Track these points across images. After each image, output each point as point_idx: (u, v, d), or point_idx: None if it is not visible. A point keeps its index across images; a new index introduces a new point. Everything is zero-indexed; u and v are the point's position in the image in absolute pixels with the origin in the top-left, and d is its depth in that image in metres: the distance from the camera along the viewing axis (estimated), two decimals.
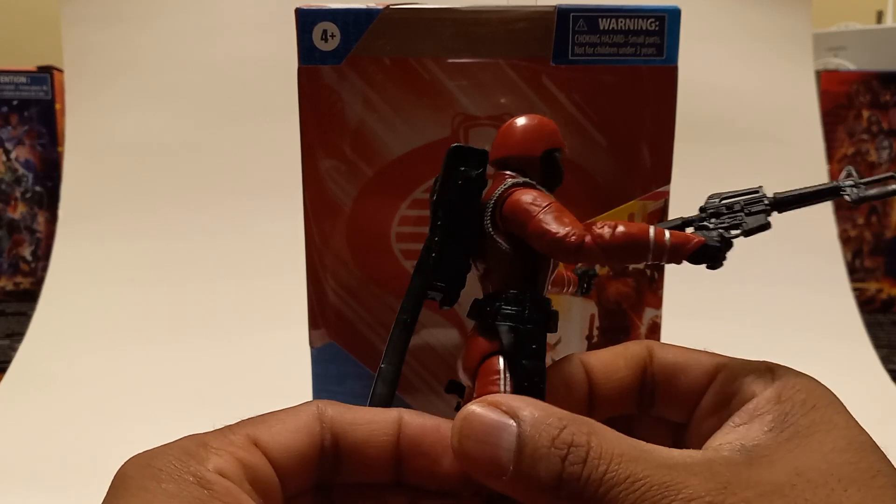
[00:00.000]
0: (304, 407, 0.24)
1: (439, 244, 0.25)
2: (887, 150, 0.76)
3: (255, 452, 0.22)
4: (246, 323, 0.66)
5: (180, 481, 0.20)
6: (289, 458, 0.23)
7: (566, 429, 0.22)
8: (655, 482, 0.20)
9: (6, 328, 0.71)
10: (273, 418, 0.24)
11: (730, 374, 0.25)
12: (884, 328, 0.74)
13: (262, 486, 0.22)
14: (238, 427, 0.23)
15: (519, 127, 0.26)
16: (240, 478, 0.21)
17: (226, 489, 0.20)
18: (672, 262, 0.24)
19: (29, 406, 0.58)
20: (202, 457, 0.21)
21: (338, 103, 0.34)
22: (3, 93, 0.71)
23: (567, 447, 0.21)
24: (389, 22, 0.33)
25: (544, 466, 0.21)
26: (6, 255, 0.72)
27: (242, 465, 0.22)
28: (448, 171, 0.25)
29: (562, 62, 0.33)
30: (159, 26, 0.74)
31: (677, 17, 0.33)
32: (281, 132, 0.48)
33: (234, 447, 0.22)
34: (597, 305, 0.35)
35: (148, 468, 0.21)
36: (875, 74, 0.76)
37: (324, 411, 0.24)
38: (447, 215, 0.25)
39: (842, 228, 0.75)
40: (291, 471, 0.23)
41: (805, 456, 0.21)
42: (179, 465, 0.21)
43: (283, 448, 0.23)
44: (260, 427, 0.23)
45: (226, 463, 0.21)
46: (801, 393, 0.23)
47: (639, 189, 0.34)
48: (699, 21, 0.73)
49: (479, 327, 0.25)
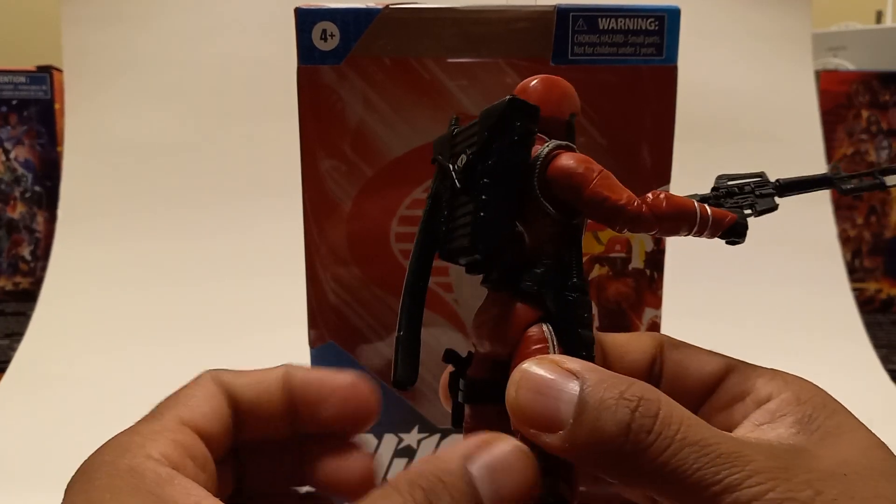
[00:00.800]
0: (200, 377, 0.26)
1: (485, 205, 0.23)
2: (886, 150, 0.76)
3: (185, 431, 0.24)
4: (246, 323, 0.66)
5: (115, 476, 0.21)
6: (212, 426, 0.24)
7: (634, 385, 0.21)
8: (725, 450, 0.20)
9: (6, 328, 0.71)
10: (183, 395, 0.25)
11: (743, 374, 0.25)
12: (883, 328, 0.74)
13: (200, 461, 0.23)
14: (160, 412, 0.24)
15: (548, 87, 0.25)
16: (180, 459, 0.22)
17: (161, 472, 0.21)
18: (710, 235, 0.24)
19: (29, 406, 0.58)
20: (138, 445, 0.22)
21: (337, 103, 0.34)
22: (3, 92, 0.71)
23: (637, 399, 0.20)
24: (389, 21, 0.33)
25: (610, 417, 0.20)
26: (5, 255, 0.72)
27: (180, 446, 0.23)
28: (503, 125, 0.23)
29: (561, 62, 0.33)
30: (159, 26, 0.74)
31: (677, 16, 0.33)
32: (281, 132, 0.48)
33: (167, 431, 0.23)
34: (596, 305, 0.35)
35: (85, 473, 0.21)
36: (875, 74, 0.76)
37: (216, 377, 0.26)
38: (496, 171, 0.23)
39: (841, 228, 0.75)
40: (216, 438, 0.25)
41: (845, 452, 0.21)
42: (114, 461, 0.21)
43: (206, 419, 0.24)
44: (179, 406, 0.25)
45: (164, 448, 0.22)
46: (818, 397, 0.23)
47: (639, 188, 0.34)
48: (699, 21, 0.73)
49: (517, 294, 0.24)
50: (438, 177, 0.25)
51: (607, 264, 0.35)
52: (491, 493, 0.20)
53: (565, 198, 0.24)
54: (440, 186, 0.25)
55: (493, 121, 0.23)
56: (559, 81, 0.25)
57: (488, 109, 0.24)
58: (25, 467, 0.49)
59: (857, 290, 0.74)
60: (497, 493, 0.20)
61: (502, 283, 0.24)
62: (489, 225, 0.23)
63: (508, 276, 0.24)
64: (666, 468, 0.20)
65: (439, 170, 0.25)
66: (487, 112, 0.24)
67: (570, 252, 0.24)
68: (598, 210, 0.23)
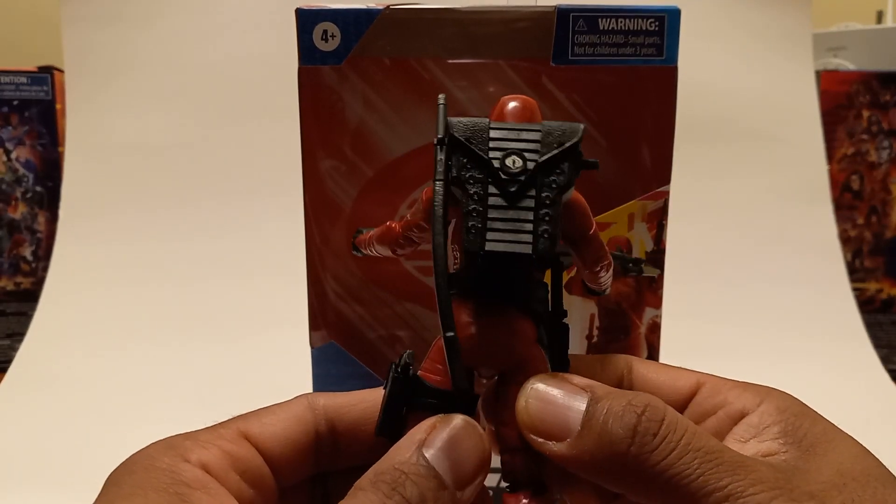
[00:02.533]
0: (295, 399, 0.25)
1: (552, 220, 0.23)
2: (887, 150, 0.76)
3: (243, 444, 0.23)
4: (246, 323, 0.66)
5: (151, 470, 0.21)
6: (281, 447, 0.24)
7: (640, 395, 0.21)
8: (728, 459, 0.20)
9: (6, 328, 0.71)
10: (264, 412, 0.24)
11: (713, 388, 0.25)
12: (884, 328, 0.74)
13: (251, 476, 0.23)
14: (230, 422, 0.24)
15: (530, 105, 0.25)
16: (224, 469, 0.22)
17: (197, 476, 0.21)
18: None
19: (29, 406, 0.58)
20: (185, 448, 0.22)
21: (338, 103, 0.34)
22: (4, 93, 0.71)
23: (644, 406, 0.21)
24: (390, 22, 0.33)
25: (618, 421, 0.21)
26: (7, 255, 0.72)
27: (230, 456, 0.22)
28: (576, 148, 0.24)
29: (562, 62, 0.33)
30: (159, 26, 0.74)
31: (677, 17, 0.33)
32: (281, 132, 0.48)
33: (222, 440, 0.23)
34: (597, 305, 0.35)
35: (127, 464, 0.21)
36: (875, 74, 0.76)
37: (314, 401, 0.25)
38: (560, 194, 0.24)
39: (842, 228, 0.75)
40: (285, 460, 0.24)
41: (838, 461, 0.21)
42: (155, 457, 0.21)
43: (274, 438, 0.24)
44: (251, 420, 0.24)
45: (210, 455, 0.22)
46: (797, 406, 0.23)
47: (639, 189, 0.34)
48: (699, 21, 0.73)
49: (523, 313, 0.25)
50: (458, 162, 0.24)
51: None
52: (450, 470, 0.21)
53: (570, 230, 0.25)
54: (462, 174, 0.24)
55: (569, 139, 0.24)
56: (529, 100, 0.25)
57: (559, 126, 0.24)
58: (26, 467, 0.49)
59: (857, 290, 0.74)
60: (454, 469, 0.21)
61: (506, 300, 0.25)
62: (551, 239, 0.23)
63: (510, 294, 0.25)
64: (670, 472, 0.20)
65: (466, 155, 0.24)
66: (559, 129, 0.24)
67: (559, 281, 0.26)
68: (594, 249, 0.26)
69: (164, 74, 0.74)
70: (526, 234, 0.23)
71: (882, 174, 0.76)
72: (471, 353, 0.24)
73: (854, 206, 0.76)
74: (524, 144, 0.24)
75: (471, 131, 0.24)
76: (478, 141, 0.24)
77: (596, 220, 0.27)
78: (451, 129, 0.24)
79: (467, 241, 0.23)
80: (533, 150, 0.24)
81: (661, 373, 0.27)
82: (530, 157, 0.23)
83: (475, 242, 0.23)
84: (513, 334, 0.24)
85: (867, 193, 0.76)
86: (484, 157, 0.24)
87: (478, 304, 0.24)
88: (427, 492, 0.20)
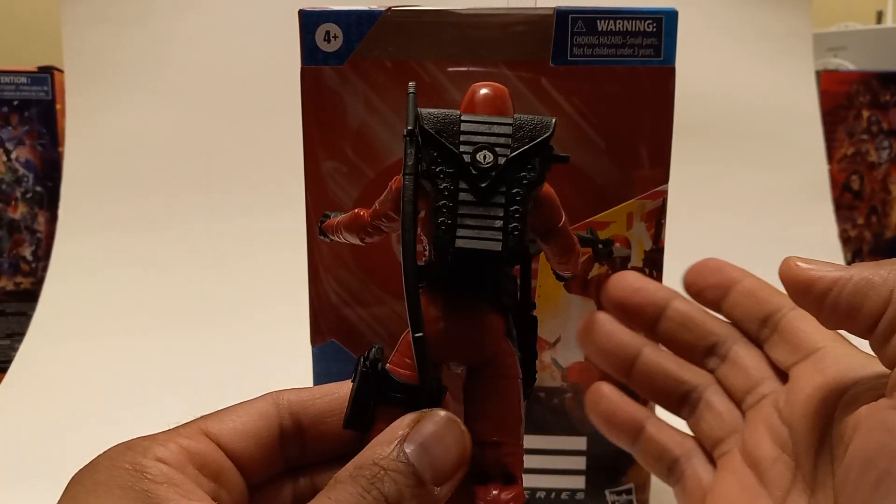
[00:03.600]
0: (261, 397, 0.25)
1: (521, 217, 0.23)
2: (887, 150, 0.76)
3: (202, 440, 0.23)
4: (247, 323, 0.66)
5: (113, 469, 0.21)
6: (243, 443, 0.24)
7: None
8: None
9: (6, 328, 0.71)
10: (226, 410, 0.25)
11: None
12: None
13: (211, 470, 0.23)
14: (192, 422, 0.24)
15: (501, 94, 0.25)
16: (181, 463, 0.22)
17: (161, 471, 0.21)
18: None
19: (29, 406, 0.58)
20: (144, 447, 0.22)
21: (339, 105, 0.34)
22: (4, 93, 0.71)
23: None
24: (391, 24, 0.33)
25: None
26: (6, 255, 0.72)
27: (186, 451, 0.22)
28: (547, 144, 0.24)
29: (561, 63, 0.33)
30: (160, 26, 0.74)
31: (674, 18, 0.33)
32: (282, 133, 0.48)
33: (181, 437, 0.23)
34: (596, 304, 0.36)
35: (89, 466, 0.22)
36: (875, 74, 0.76)
37: (279, 396, 0.25)
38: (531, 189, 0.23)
39: (842, 228, 0.75)
40: (249, 455, 0.24)
41: None
42: (116, 457, 0.22)
43: (235, 434, 0.24)
44: (211, 419, 0.24)
45: (167, 451, 0.22)
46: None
47: (637, 189, 0.34)
48: (699, 21, 0.74)
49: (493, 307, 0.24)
50: (428, 156, 0.24)
51: (607, 263, 0.35)
52: (428, 467, 0.21)
53: (538, 223, 0.25)
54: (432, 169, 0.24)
55: (540, 135, 0.23)
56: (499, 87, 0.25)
57: (530, 120, 0.24)
58: (26, 467, 0.49)
59: None
60: (433, 466, 0.21)
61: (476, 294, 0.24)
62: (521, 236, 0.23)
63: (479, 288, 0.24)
64: None
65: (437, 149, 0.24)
66: (530, 123, 0.24)
67: (528, 275, 0.26)
68: (562, 241, 0.25)
69: (164, 75, 0.74)
70: (496, 230, 0.23)
71: (882, 174, 0.76)
72: (440, 347, 0.24)
73: (854, 206, 0.76)
74: (495, 139, 0.24)
75: (441, 124, 0.24)
76: (448, 134, 0.24)
77: (595, 220, 0.28)
78: (421, 121, 0.24)
79: (437, 238, 0.23)
80: (504, 144, 0.23)
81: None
82: (501, 152, 0.23)
83: (445, 240, 0.23)
84: (482, 329, 0.24)
85: (867, 193, 0.76)
86: (455, 152, 0.23)
87: (447, 298, 0.24)
88: (405, 488, 0.21)
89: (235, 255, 0.71)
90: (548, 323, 0.36)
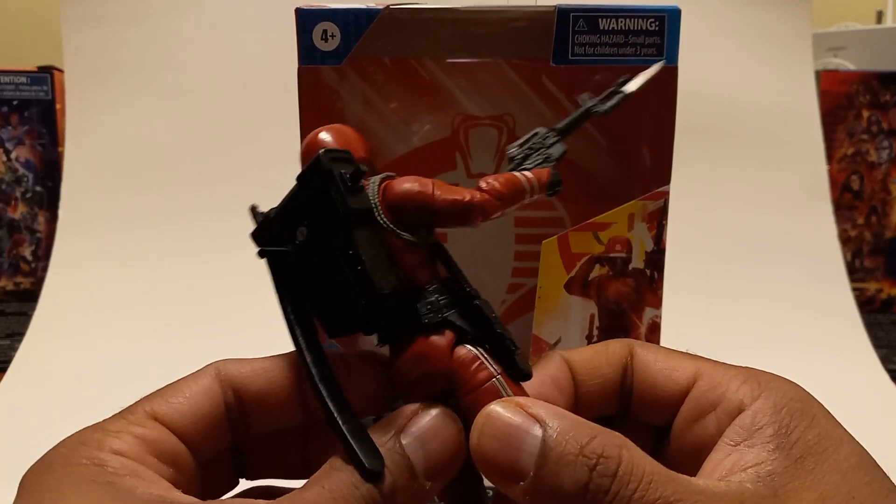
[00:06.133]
0: (203, 370, 0.25)
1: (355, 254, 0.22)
2: (887, 150, 0.76)
3: (154, 426, 0.23)
4: (247, 322, 0.66)
5: (71, 466, 0.21)
6: (193, 423, 0.24)
7: (596, 439, 0.20)
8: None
9: (6, 328, 0.71)
10: (171, 389, 0.24)
11: (710, 381, 0.24)
12: (883, 328, 0.74)
13: (168, 456, 0.23)
14: (136, 406, 0.24)
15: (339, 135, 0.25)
16: (140, 454, 0.22)
17: (121, 463, 0.21)
18: (540, 194, 0.26)
19: (29, 405, 0.58)
20: (98, 440, 0.22)
21: (338, 103, 0.34)
22: (4, 93, 0.71)
23: (597, 457, 0.20)
24: (389, 22, 0.33)
25: (569, 475, 0.20)
26: (6, 255, 0.72)
27: (143, 441, 0.22)
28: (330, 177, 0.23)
29: (562, 62, 0.33)
30: (159, 26, 0.74)
31: (677, 17, 0.33)
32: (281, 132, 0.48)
33: (133, 426, 0.23)
34: (596, 305, 0.35)
35: (43, 464, 0.21)
36: (875, 74, 0.76)
37: (220, 370, 0.25)
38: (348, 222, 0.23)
39: (841, 228, 0.75)
40: (199, 435, 0.24)
41: (825, 479, 0.21)
42: (70, 454, 0.21)
43: (184, 416, 0.24)
44: (157, 401, 0.24)
45: (123, 443, 0.22)
46: (796, 402, 0.22)
47: (639, 189, 0.34)
48: (699, 21, 0.73)
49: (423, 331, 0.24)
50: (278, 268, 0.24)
51: (607, 264, 0.35)
52: (422, 460, 0.21)
53: (416, 219, 0.24)
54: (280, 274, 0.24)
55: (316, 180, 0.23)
56: (342, 128, 0.25)
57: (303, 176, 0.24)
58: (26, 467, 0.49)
59: (857, 290, 0.74)
60: (427, 460, 0.21)
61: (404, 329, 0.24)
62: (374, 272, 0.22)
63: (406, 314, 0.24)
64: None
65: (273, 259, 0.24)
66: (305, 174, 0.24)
67: (448, 267, 0.25)
68: (451, 216, 0.24)
69: (164, 74, 0.74)
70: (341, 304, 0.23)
71: (882, 174, 0.76)
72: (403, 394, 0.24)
73: (854, 206, 0.76)
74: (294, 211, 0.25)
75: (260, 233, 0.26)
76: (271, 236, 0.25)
77: (596, 220, 0.27)
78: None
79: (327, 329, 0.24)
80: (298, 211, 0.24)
81: (661, 359, 0.26)
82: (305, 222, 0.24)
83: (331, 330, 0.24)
84: (422, 359, 0.23)
85: (867, 193, 0.76)
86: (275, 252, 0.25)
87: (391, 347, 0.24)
88: (398, 479, 0.21)
89: (235, 255, 0.71)
90: (548, 324, 0.35)
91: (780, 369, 0.25)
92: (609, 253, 0.35)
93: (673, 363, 0.26)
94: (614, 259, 0.35)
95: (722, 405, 0.24)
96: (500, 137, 0.34)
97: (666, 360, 0.26)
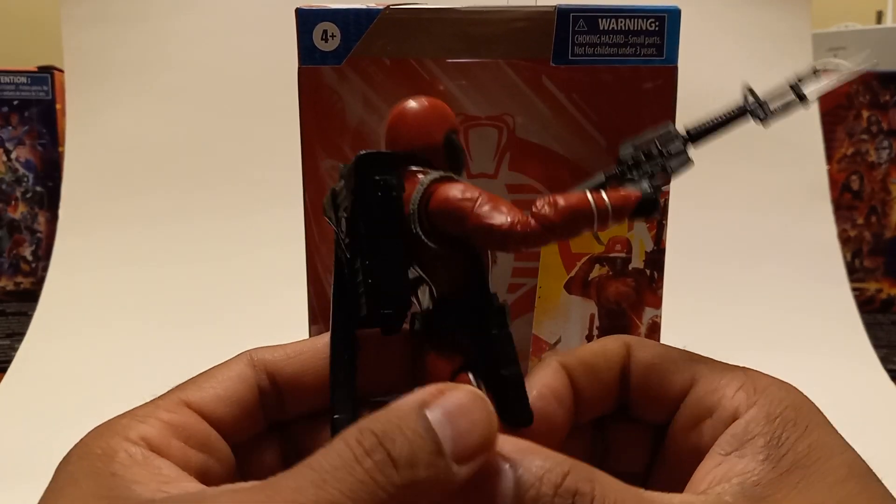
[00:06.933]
0: (236, 357, 0.25)
1: (372, 265, 0.22)
2: (887, 151, 0.76)
3: (184, 412, 0.23)
4: (247, 321, 0.66)
5: (84, 457, 0.21)
6: (225, 408, 0.24)
7: (569, 475, 0.19)
8: None
9: (6, 328, 0.71)
10: (204, 376, 0.24)
11: (707, 385, 0.24)
12: (883, 328, 0.74)
13: (197, 441, 0.22)
14: (169, 393, 0.24)
15: (413, 114, 0.24)
16: (166, 438, 0.22)
17: (133, 453, 0.21)
18: (617, 223, 0.23)
19: (29, 406, 0.58)
20: (122, 426, 0.22)
21: (338, 103, 0.34)
22: (4, 93, 0.71)
23: (572, 496, 0.19)
24: (389, 22, 0.33)
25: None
26: (7, 255, 0.72)
27: (169, 426, 0.22)
28: (362, 183, 0.22)
29: (562, 62, 0.33)
30: (160, 26, 0.74)
31: (677, 17, 0.33)
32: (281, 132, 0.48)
33: (160, 411, 0.23)
34: (596, 305, 0.35)
35: (68, 454, 0.22)
36: (875, 74, 0.76)
37: (254, 356, 0.25)
38: (372, 231, 0.22)
39: (841, 228, 0.75)
40: (232, 419, 0.24)
41: (811, 491, 0.20)
42: (91, 442, 0.21)
43: (216, 400, 0.24)
44: (190, 387, 0.24)
45: (149, 429, 0.22)
46: (790, 410, 0.22)
47: None
48: (699, 21, 0.73)
49: (430, 343, 0.23)
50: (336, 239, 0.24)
51: (607, 264, 0.35)
52: (452, 436, 0.19)
53: (453, 231, 0.23)
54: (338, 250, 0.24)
55: (352, 182, 0.23)
56: (422, 107, 0.24)
57: (347, 167, 0.23)
58: (26, 467, 0.49)
59: (857, 290, 0.74)
60: (458, 436, 0.19)
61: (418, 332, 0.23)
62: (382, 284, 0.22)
63: (422, 324, 0.23)
64: None
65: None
66: (347, 171, 0.23)
67: (477, 285, 0.23)
68: (485, 239, 0.22)
69: (164, 74, 0.74)
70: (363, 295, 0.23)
71: (882, 174, 0.76)
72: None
73: (854, 206, 0.76)
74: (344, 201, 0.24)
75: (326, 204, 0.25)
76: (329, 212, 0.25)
77: None
78: None
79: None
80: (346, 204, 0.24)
81: (657, 358, 0.25)
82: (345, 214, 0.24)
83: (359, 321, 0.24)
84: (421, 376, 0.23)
85: (867, 193, 0.76)
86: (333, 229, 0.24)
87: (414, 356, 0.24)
88: (420, 453, 0.18)
89: (235, 254, 0.71)
90: (548, 324, 0.35)
91: (780, 369, 0.25)
92: (609, 253, 0.35)
93: (671, 365, 0.25)
94: (614, 259, 0.35)
95: (717, 412, 0.23)
96: (499, 137, 0.34)
97: (663, 362, 0.25)
